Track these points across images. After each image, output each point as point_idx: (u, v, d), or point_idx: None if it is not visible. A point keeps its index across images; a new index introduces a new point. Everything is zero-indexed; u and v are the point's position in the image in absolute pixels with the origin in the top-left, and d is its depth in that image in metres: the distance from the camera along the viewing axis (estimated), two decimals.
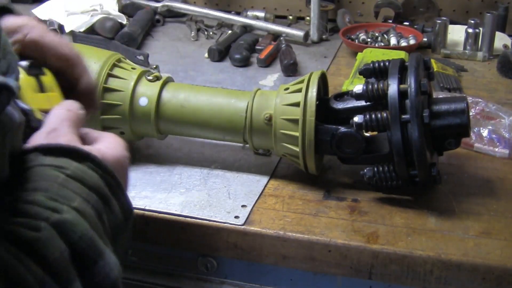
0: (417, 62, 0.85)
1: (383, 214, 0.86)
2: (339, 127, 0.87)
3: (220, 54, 1.45)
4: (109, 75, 0.94)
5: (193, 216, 0.86)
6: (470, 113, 1.00)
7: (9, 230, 0.46)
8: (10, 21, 0.63)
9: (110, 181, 0.54)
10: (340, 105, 0.90)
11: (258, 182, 0.94)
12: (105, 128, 0.95)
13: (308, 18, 1.65)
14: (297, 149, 0.87)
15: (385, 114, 0.83)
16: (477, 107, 1.10)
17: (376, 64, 0.88)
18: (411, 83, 0.82)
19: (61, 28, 1.59)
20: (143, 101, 0.94)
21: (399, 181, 0.85)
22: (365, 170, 0.87)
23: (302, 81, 0.90)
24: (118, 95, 0.94)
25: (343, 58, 1.48)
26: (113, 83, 0.94)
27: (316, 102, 0.87)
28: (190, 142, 1.04)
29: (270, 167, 0.98)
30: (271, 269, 0.88)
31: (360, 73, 0.90)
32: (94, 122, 0.93)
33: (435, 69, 1.29)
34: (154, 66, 1.34)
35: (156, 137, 0.98)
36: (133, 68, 0.97)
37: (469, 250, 0.78)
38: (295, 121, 0.87)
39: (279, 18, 1.74)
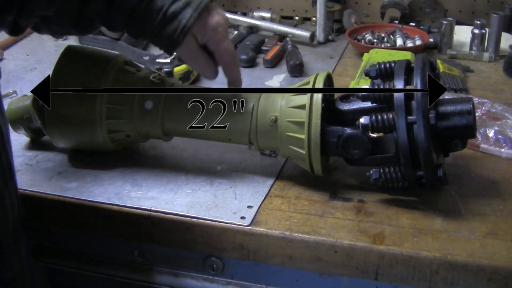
0: (423, 63, 0.85)
1: (389, 215, 0.86)
2: (345, 128, 0.87)
3: None
4: (114, 79, 0.94)
5: (199, 216, 0.86)
6: (476, 114, 1.00)
7: None
8: None
9: None
10: (346, 106, 0.90)
11: (264, 183, 0.94)
12: (111, 132, 0.95)
13: (314, 18, 1.65)
14: (303, 151, 0.87)
15: (391, 115, 0.83)
16: (483, 108, 1.09)
17: (382, 65, 0.88)
18: (417, 84, 0.82)
19: None
20: (148, 104, 0.94)
21: (405, 182, 0.85)
22: (371, 172, 0.87)
23: (307, 83, 0.90)
24: (123, 99, 0.94)
25: (349, 59, 1.48)
26: (117, 86, 0.94)
27: (322, 104, 0.87)
28: (197, 143, 1.04)
29: (276, 168, 0.98)
30: (277, 270, 0.89)
31: (366, 74, 0.90)
32: (100, 126, 0.93)
33: (441, 70, 1.29)
34: (158, 67, 1.34)
35: (162, 139, 0.98)
36: (138, 70, 0.97)
37: (475, 251, 0.78)
38: (300, 124, 0.87)
39: (285, 19, 1.74)
